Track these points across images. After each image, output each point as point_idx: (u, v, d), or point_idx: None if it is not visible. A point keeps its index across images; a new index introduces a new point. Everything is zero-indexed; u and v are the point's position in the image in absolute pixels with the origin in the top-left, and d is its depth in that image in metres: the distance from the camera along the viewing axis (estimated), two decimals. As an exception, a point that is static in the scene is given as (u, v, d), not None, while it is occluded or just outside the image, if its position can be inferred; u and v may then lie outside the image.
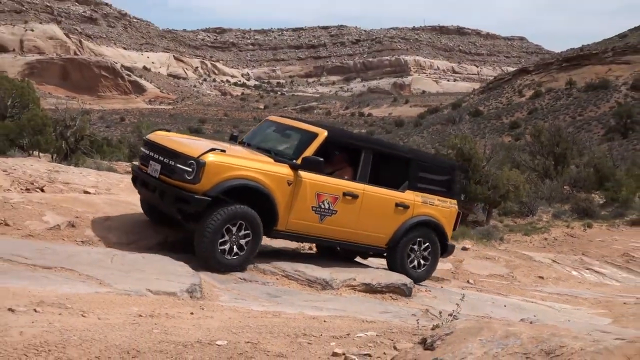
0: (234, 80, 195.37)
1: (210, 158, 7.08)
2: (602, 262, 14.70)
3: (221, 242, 7.18)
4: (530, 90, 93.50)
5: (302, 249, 10.05)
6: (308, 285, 7.61)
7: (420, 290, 8.59)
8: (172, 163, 7.28)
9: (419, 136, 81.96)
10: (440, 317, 5.89)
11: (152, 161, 7.61)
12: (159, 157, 7.52)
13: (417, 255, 8.90)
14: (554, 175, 26.85)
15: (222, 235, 7.16)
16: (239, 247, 7.33)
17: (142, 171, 7.90)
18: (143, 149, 8.13)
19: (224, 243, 7.22)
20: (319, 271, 7.91)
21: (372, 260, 9.60)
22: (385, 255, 8.95)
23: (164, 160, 7.41)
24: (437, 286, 9.51)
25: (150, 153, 7.75)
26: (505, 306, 8.69)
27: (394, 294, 8.02)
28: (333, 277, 7.81)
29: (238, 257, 7.35)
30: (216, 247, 7.16)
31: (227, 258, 7.27)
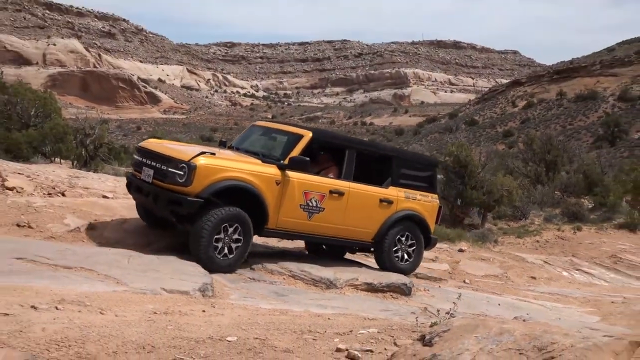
0: (243, 91, 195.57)
1: (201, 161, 6.98)
2: (591, 263, 14.64)
3: (215, 242, 7.06)
4: (522, 101, 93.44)
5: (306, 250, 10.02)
6: (313, 285, 7.59)
7: (419, 290, 8.57)
8: (165, 167, 7.17)
9: (418, 144, 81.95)
10: (438, 315, 5.89)
11: (145, 167, 7.49)
12: (151, 163, 7.41)
13: (402, 249, 8.84)
14: (546, 181, 26.81)
15: (216, 236, 7.04)
16: (231, 247, 7.20)
17: (136, 177, 7.77)
18: (136, 156, 8.01)
19: (218, 243, 7.09)
20: (323, 271, 7.89)
21: (372, 261, 9.58)
22: (372, 250, 8.89)
23: (157, 165, 7.30)
24: (435, 286, 9.49)
25: (143, 159, 7.62)
26: (499, 305, 8.66)
27: (394, 293, 8.00)
28: (337, 277, 7.80)
29: (231, 256, 7.23)
30: (211, 248, 7.03)
31: (220, 258, 7.15)
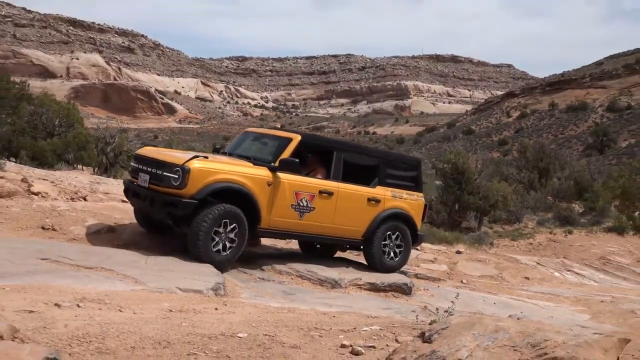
0: (254, 102, 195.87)
1: (195, 164, 6.94)
2: (581, 265, 14.59)
3: (214, 235, 6.95)
4: (517, 112, 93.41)
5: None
6: (319, 284, 7.58)
7: (419, 289, 8.54)
8: (160, 172, 7.11)
9: (417, 152, 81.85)
10: (437, 313, 5.88)
11: (142, 173, 7.42)
12: (147, 169, 7.35)
13: (390, 246, 8.75)
14: (538, 187, 26.75)
15: (213, 235, 6.95)
16: (225, 245, 7.08)
17: (133, 183, 7.69)
18: (133, 163, 7.93)
19: (215, 241, 6.99)
20: (328, 272, 7.88)
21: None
22: (362, 248, 8.81)
23: (152, 170, 7.25)
24: (434, 285, 9.45)
25: (139, 166, 7.55)
26: (495, 304, 8.61)
27: (396, 292, 7.97)
28: (341, 277, 7.78)
29: (229, 253, 7.12)
30: (209, 246, 6.94)
31: (218, 255, 7.03)
